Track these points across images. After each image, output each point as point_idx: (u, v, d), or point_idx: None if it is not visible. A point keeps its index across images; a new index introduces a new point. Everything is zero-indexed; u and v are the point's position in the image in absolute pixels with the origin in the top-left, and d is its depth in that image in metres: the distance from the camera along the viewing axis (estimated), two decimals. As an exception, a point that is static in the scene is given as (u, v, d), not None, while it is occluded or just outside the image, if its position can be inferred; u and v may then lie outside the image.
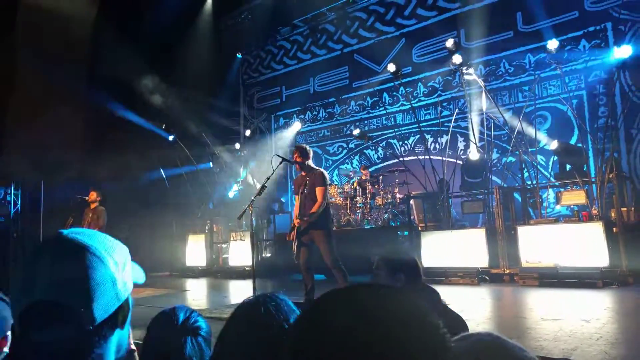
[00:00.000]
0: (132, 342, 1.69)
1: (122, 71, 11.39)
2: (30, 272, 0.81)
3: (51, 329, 0.78)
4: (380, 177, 10.19)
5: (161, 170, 12.01)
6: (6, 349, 1.52)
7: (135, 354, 1.64)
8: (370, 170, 11.31)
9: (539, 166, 8.76)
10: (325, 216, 5.47)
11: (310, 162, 5.64)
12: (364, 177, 10.24)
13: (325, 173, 5.63)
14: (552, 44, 7.91)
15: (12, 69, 10.47)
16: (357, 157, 13.00)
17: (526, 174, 8.35)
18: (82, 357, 0.82)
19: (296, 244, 5.32)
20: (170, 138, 11.90)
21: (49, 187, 8.68)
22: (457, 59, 8.55)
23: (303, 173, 5.59)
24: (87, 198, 8.78)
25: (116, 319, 0.85)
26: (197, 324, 1.67)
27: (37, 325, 0.78)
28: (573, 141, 9.43)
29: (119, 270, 0.86)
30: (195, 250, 11.19)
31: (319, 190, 5.36)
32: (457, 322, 2.19)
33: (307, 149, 5.71)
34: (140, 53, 11.65)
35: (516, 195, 8.59)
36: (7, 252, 8.25)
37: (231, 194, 12.75)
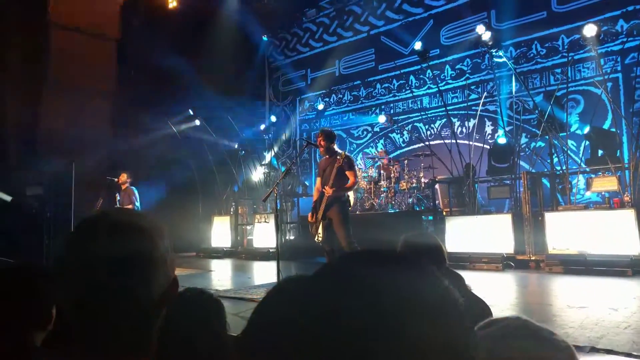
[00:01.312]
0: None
1: (149, 53, 11.52)
2: (82, 253, 0.80)
3: (113, 309, 0.79)
4: (405, 161, 10.10)
5: (187, 152, 12.18)
6: None
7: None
8: (393, 154, 11.21)
9: (569, 151, 8.53)
10: (345, 199, 5.53)
11: (334, 146, 5.68)
12: (385, 162, 10.17)
13: (350, 157, 5.68)
14: (590, 30, 7.57)
15: (44, 49, 10.70)
16: (381, 141, 12.90)
17: (555, 159, 8.15)
18: (141, 336, 0.83)
19: (320, 226, 5.38)
20: (197, 122, 12.03)
21: (78, 168, 8.91)
22: (486, 37, 8.33)
23: (327, 156, 5.64)
24: (117, 180, 9.01)
25: (166, 297, 0.85)
26: (212, 305, 1.70)
27: (99, 305, 0.78)
28: (606, 126, 9.13)
29: (166, 249, 0.86)
30: (220, 232, 11.38)
31: (350, 174, 5.45)
32: (481, 308, 2.18)
33: (332, 132, 5.78)
34: (167, 35, 11.75)
35: (544, 181, 8.41)
36: (42, 232, 8.54)
37: (256, 177, 12.87)
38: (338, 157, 5.45)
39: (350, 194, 5.82)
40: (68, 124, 10.16)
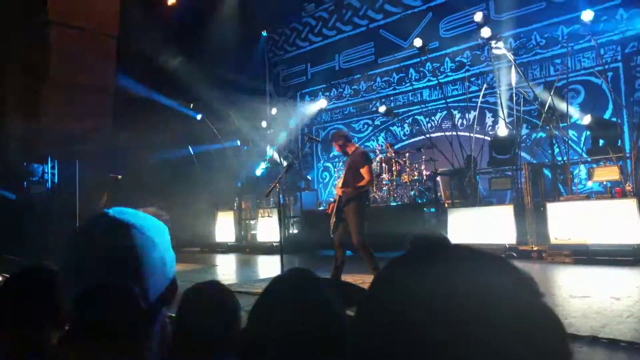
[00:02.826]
0: (166, 315, 1.78)
1: (148, 49, 11.52)
2: (81, 252, 0.81)
3: (109, 309, 0.80)
4: (407, 154, 10.12)
5: (190, 148, 12.22)
6: None
7: (168, 327, 1.73)
8: (395, 147, 11.22)
9: (570, 142, 8.54)
10: (361, 195, 5.40)
11: (350, 144, 5.60)
12: (388, 155, 10.19)
13: (366, 152, 5.62)
14: (587, 15, 7.61)
15: (43, 47, 10.71)
16: (382, 134, 12.91)
17: (557, 150, 8.17)
18: (138, 336, 0.84)
19: (334, 219, 5.37)
20: (198, 117, 12.05)
21: (83, 165, 8.97)
22: (485, 32, 8.33)
23: (348, 156, 5.55)
24: (117, 177, 9.03)
25: (166, 297, 0.87)
26: (226, 299, 1.74)
27: (95, 307, 0.79)
28: (607, 116, 9.14)
29: (165, 249, 0.87)
30: (224, 227, 11.43)
31: (364, 171, 5.27)
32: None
33: (342, 134, 5.70)
34: (166, 32, 11.75)
35: (546, 172, 8.43)
36: (47, 229, 8.60)
37: (258, 172, 12.90)
38: (352, 155, 5.39)
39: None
40: (69, 121, 10.19)
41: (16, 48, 10.54)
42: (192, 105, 12.00)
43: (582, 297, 4.38)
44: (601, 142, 7.85)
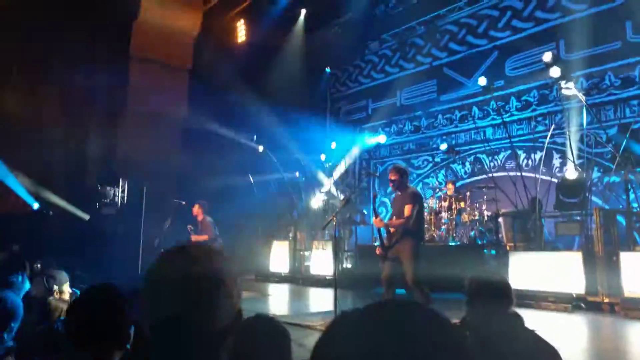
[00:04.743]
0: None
1: (217, 83, 12.13)
2: (160, 287, 0.89)
3: (184, 338, 0.86)
4: (468, 192, 9.86)
5: (250, 177, 12.57)
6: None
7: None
8: (457, 185, 10.96)
9: (648, 188, 8.00)
10: (415, 233, 5.35)
11: (406, 181, 5.60)
12: (449, 193, 9.96)
13: (417, 191, 5.57)
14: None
15: (123, 80, 11.59)
16: (442, 172, 12.69)
17: (632, 196, 7.66)
18: None
19: (385, 259, 5.31)
20: (260, 148, 12.43)
21: (149, 190, 9.44)
22: (555, 72, 8.09)
23: (398, 192, 5.56)
24: (183, 202, 9.42)
25: (232, 326, 0.92)
26: (279, 331, 1.75)
27: (173, 336, 0.86)
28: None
29: (235, 284, 0.93)
30: (278, 256, 11.53)
31: (407, 208, 5.27)
32: (547, 352, 2.09)
33: (403, 168, 5.77)
34: (235, 67, 12.35)
35: (620, 219, 7.90)
36: (112, 249, 9.04)
37: (315, 204, 13.02)
38: (403, 192, 5.37)
39: None
40: (141, 149, 10.83)
41: (101, 82, 11.43)
42: (255, 137, 12.40)
43: (660, 358, 4.01)
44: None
